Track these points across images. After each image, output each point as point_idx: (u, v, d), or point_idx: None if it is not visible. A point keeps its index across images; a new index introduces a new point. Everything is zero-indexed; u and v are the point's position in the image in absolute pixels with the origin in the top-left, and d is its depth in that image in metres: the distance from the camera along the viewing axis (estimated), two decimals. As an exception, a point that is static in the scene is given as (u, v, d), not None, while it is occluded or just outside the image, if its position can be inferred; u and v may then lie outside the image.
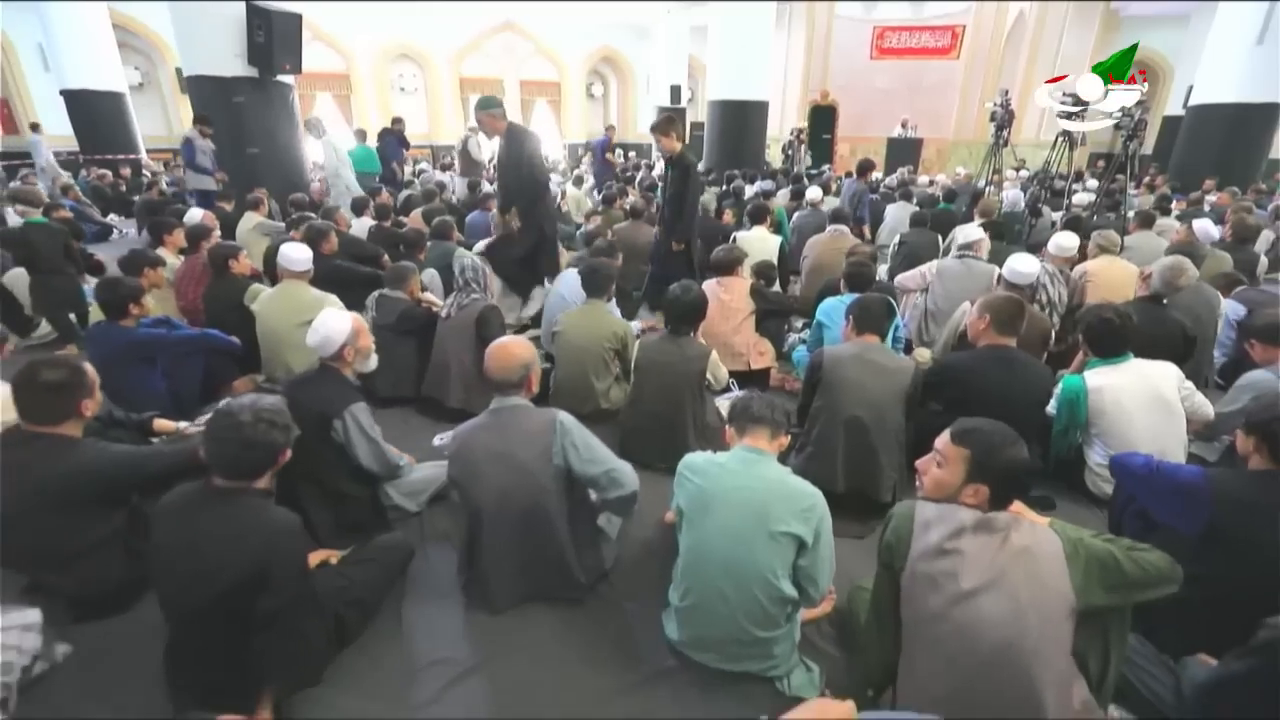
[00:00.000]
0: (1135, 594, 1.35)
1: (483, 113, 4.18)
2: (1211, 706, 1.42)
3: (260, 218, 6.19)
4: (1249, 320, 2.71)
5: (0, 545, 1.89)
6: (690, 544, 1.69)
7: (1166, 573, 1.36)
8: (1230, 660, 1.39)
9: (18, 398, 1.83)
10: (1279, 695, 1.29)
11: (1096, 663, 1.40)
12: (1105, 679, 1.40)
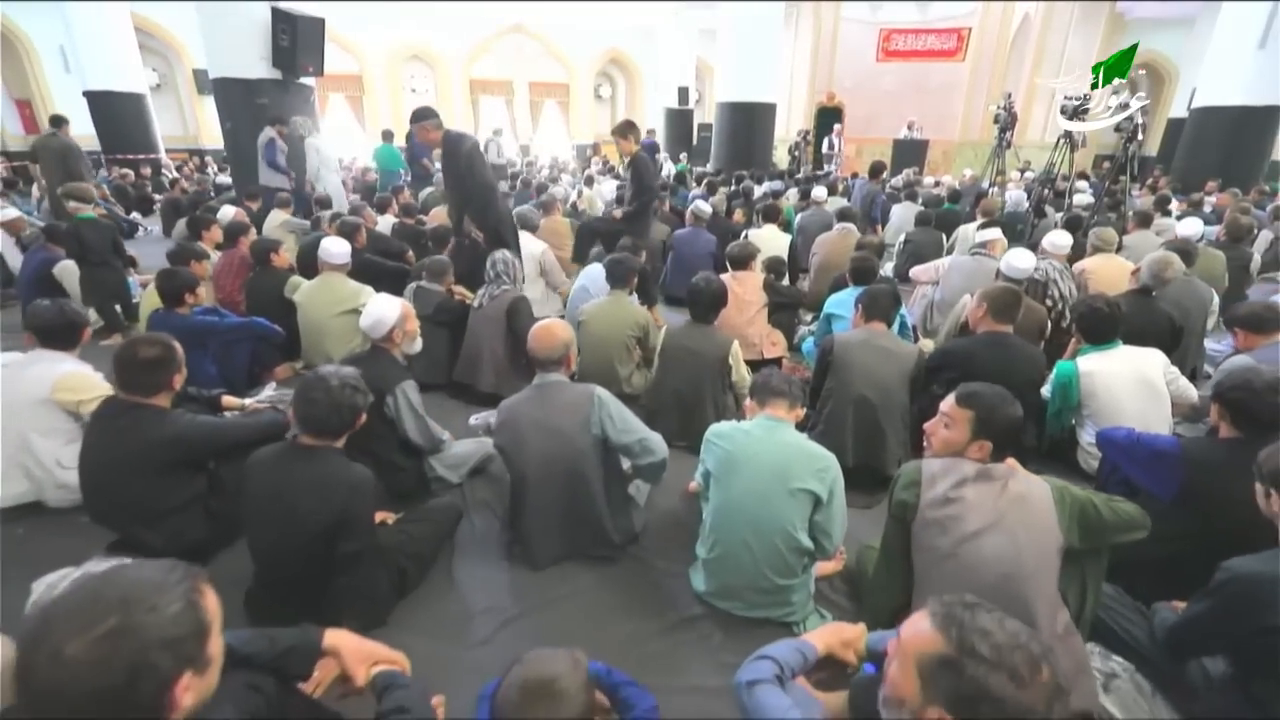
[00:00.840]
0: (1109, 536, 1.55)
1: (416, 125, 4.00)
2: (1177, 643, 1.63)
3: (286, 215, 6.43)
4: (1232, 310, 2.89)
5: (100, 503, 2.12)
6: (718, 501, 1.90)
7: (1137, 519, 1.57)
8: (1192, 602, 1.59)
9: (118, 371, 2.05)
10: (1232, 629, 1.49)
11: (1075, 599, 1.61)
12: (1083, 613, 1.61)
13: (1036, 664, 0.80)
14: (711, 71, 20.01)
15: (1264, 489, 1.52)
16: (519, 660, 1.09)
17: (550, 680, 1.03)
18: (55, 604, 0.81)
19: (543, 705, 1.00)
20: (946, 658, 0.84)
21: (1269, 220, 6.49)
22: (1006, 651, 0.81)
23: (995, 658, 0.81)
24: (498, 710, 1.03)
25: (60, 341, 2.47)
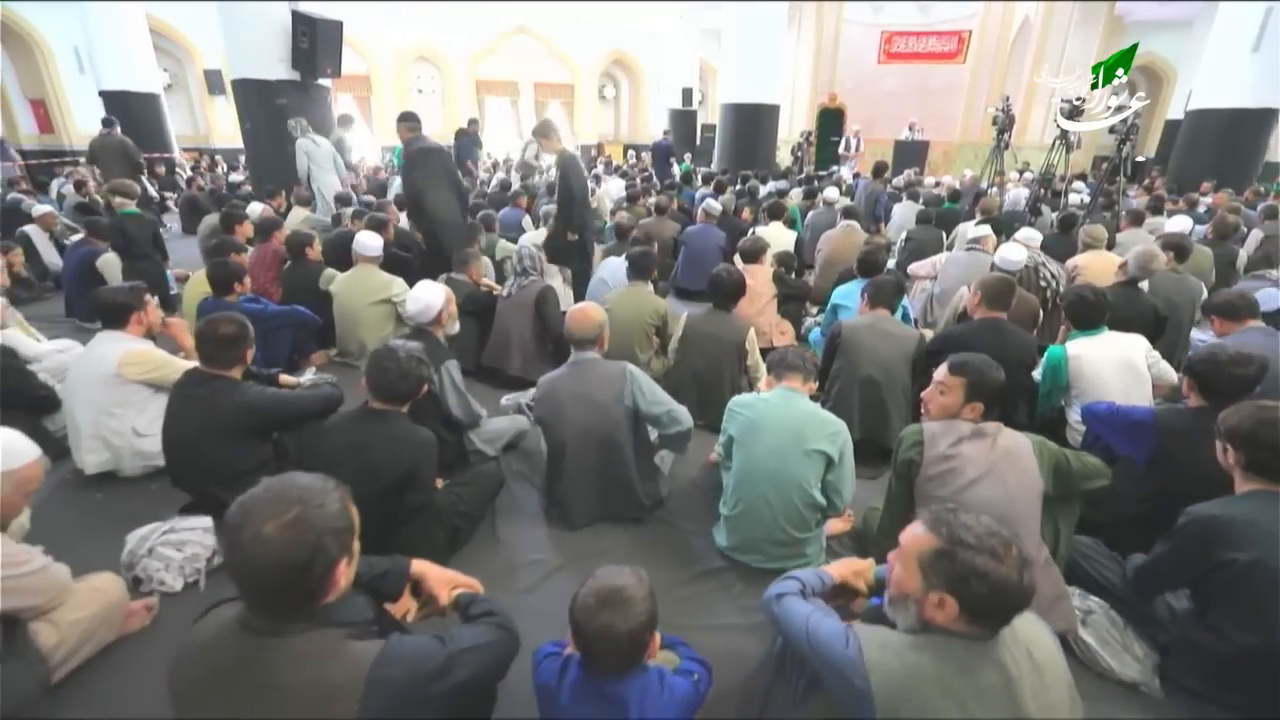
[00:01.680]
0: (1078, 483, 1.81)
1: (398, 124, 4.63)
2: (1145, 581, 1.85)
3: (307, 212, 6.67)
4: (1209, 299, 3.11)
5: (181, 465, 2.35)
6: (741, 462, 2.12)
7: (1100, 469, 1.83)
8: (1158, 545, 1.82)
9: (200, 345, 2.28)
10: (1191, 565, 1.72)
11: (1050, 540, 1.85)
12: (1057, 551, 1.85)
13: (1008, 544, 1.03)
14: (715, 73, 20.23)
15: (1222, 445, 1.75)
16: (592, 575, 1.31)
17: (620, 589, 1.25)
18: (249, 498, 1.04)
19: (616, 610, 1.22)
20: (941, 550, 1.06)
21: (1259, 220, 6.71)
22: (985, 538, 1.04)
23: (978, 544, 1.03)
24: (576, 615, 1.25)
25: (119, 321, 2.68)
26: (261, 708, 0.99)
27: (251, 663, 1.01)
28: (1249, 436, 1.66)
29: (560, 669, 1.32)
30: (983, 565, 1.01)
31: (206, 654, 1.05)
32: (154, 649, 1.91)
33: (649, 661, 1.31)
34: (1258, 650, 1.59)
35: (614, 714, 1.23)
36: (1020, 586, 1.01)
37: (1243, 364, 1.99)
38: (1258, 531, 1.59)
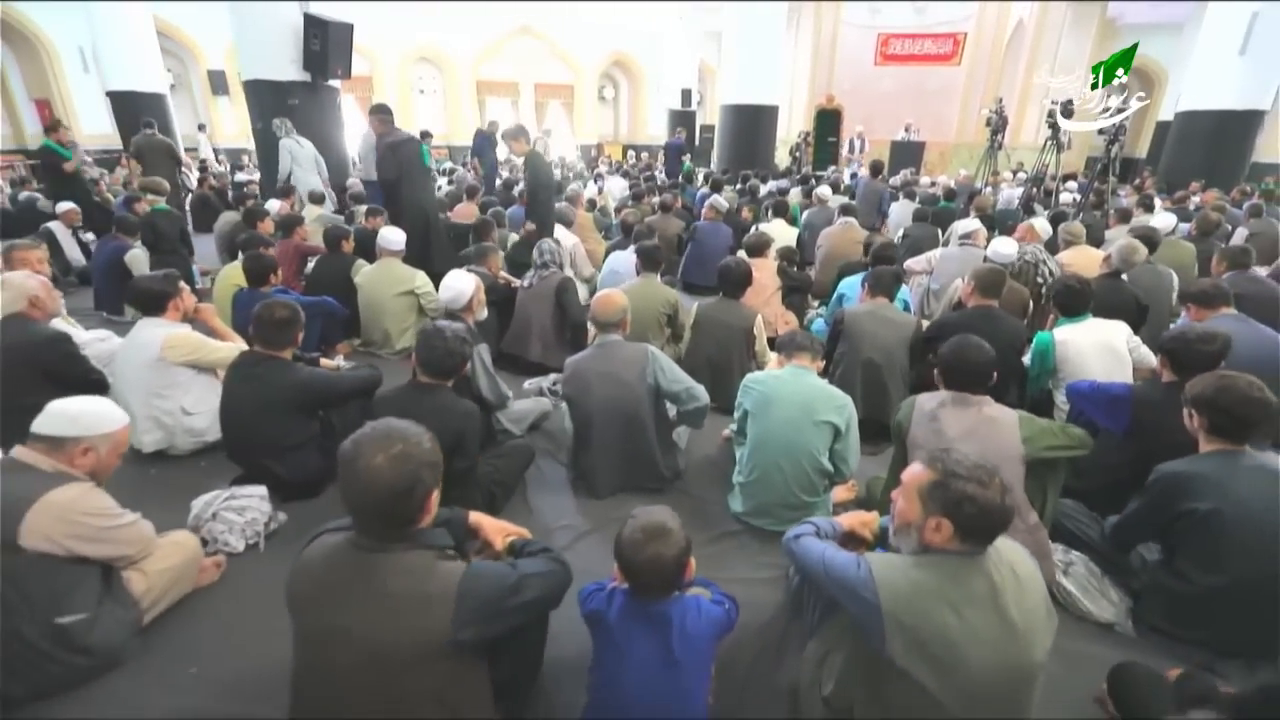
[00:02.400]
0: (1063, 451, 2.00)
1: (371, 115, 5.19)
2: (1120, 534, 2.06)
3: (322, 210, 6.84)
4: (1185, 288, 3.33)
5: (237, 439, 2.55)
6: (755, 433, 2.33)
7: (1083, 439, 2.04)
8: (1131, 502, 2.03)
9: (256, 328, 2.47)
10: (1159, 516, 1.93)
11: (1039, 503, 2.05)
12: (1044, 513, 2.05)
13: (992, 475, 1.24)
14: (713, 74, 20.47)
15: (1188, 411, 1.95)
16: (633, 515, 1.51)
17: (661, 523, 1.44)
18: (360, 435, 1.24)
19: (660, 541, 1.41)
20: (937, 481, 1.27)
21: (1245, 218, 6.95)
22: (973, 470, 1.24)
23: (968, 475, 1.24)
24: (622, 548, 1.45)
25: (157, 308, 2.86)
26: (374, 609, 1.19)
27: (363, 573, 1.21)
28: (1210, 401, 1.86)
29: (608, 598, 1.52)
30: (972, 491, 1.22)
31: (323, 567, 1.25)
32: (223, 601, 2.11)
33: (684, 590, 1.51)
34: (1216, 589, 1.80)
35: (659, 630, 1.43)
36: (1002, 507, 1.22)
37: (1208, 341, 2.20)
38: (1216, 484, 1.80)
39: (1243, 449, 1.89)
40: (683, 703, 1.44)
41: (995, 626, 1.23)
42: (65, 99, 15.46)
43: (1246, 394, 1.83)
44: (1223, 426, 1.88)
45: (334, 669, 1.22)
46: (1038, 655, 1.25)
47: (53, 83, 15.31)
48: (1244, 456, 1.88)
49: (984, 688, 1.22)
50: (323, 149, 8.55)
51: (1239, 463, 1.87)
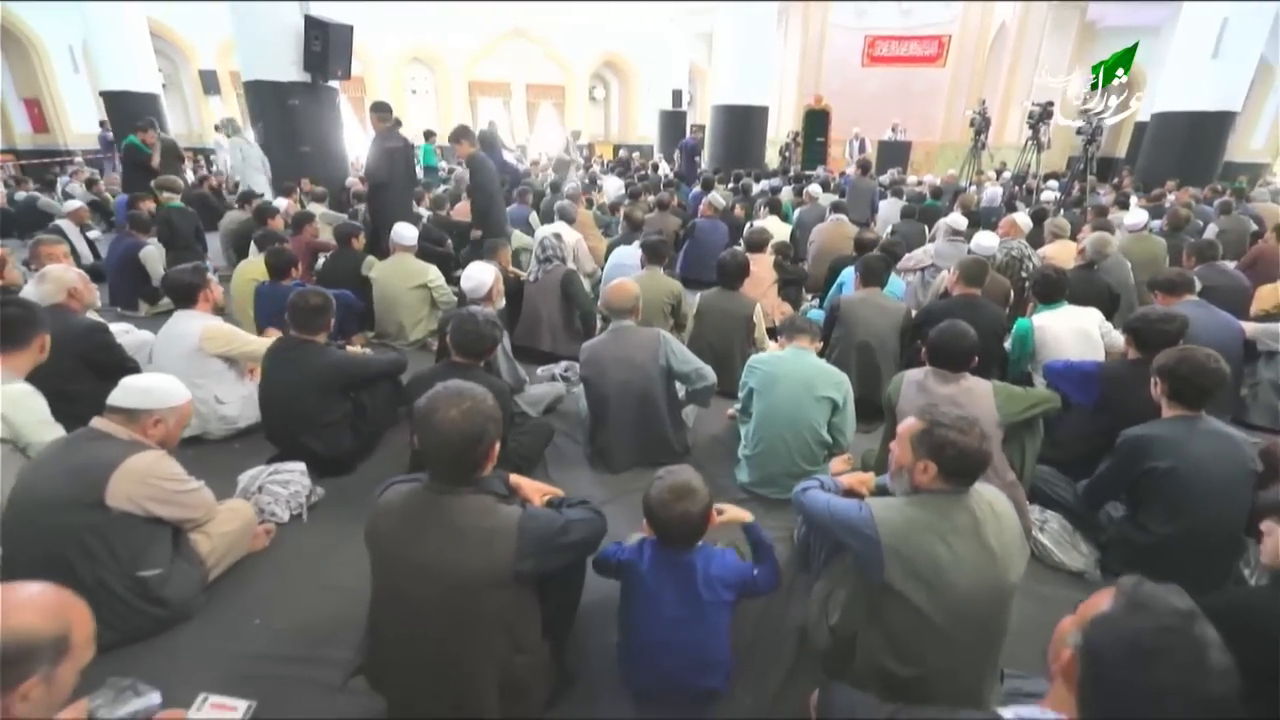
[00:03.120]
0: (1034, 410, 2.25)
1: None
2: (1091, 493, 2.29)
3: (323, 208, 6.99)
4: (1154, 277, 3.58)
5: (276, 419, 2.72)
6: (761, 408, 2.54)
7: (1050, 396, 2.32)
8: (1101, 464, 2.26)
9: (292, 315, 2.65)
10: (1126, 475, 2.15)
11: (1018, 463, 2.28)
12: (1023, 472, 2.28)
13: (972, 424, 1.45)
14: (704, 75, 20.70)
15: (1154, 380, 2.18)
16: (659, 476, 1.70)
17: (687, 482, 1.64)
18: (435, 393, 1.43)
19: (685, 500, 1.61)
20: (925, 429, 1.48)
21: (1215, 215, 7.27)
22: (956, 421, 1.46)
23: (951, 424, 1.45)
24: (652, 506, 1.63)
25: (190, 300, 3.02)
26: (447, 543, 1.39)
27: (437, 512, 1.41)
28: (1172, 370, 2.09)
29: (638, 549, 1.72)
30: (953, 437, 1.43)
31: (401, 508, 1.44)
32: (275, 564, 2.29)
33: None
34: (1171, 538, 2.03)
35: (686, 575, 1.63)
36: (979, 450, 1.43)
37: (1168, 321, 2.44)
38: (1174, 445, 2.03)
39: (1199, 415, 2.12)
40: (708, 639, 1.65)
41: (977, 554, 1.44)
42: (55, 98, 15.43)
43: (1204, 364, 2.06)
44: (1182, 392, 2.10)
45: (412, 596, 1.41)
46: (1013, 578, 1.47)
47: (42, 82, 15.26)
48: (1200, 422, 2.11)
49: (968, 606, 1.44)
50: (324, 148, 8.69)
51: (1195, 427, 2.09)
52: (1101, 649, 0.88)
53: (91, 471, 1.78)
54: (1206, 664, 0.81)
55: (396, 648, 1.48)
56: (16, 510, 1.79)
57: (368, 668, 1.58)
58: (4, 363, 2.27)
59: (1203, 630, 0.84)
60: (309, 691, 1.75)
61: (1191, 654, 0.82)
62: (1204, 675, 0.81)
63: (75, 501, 1.76)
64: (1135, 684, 0.83)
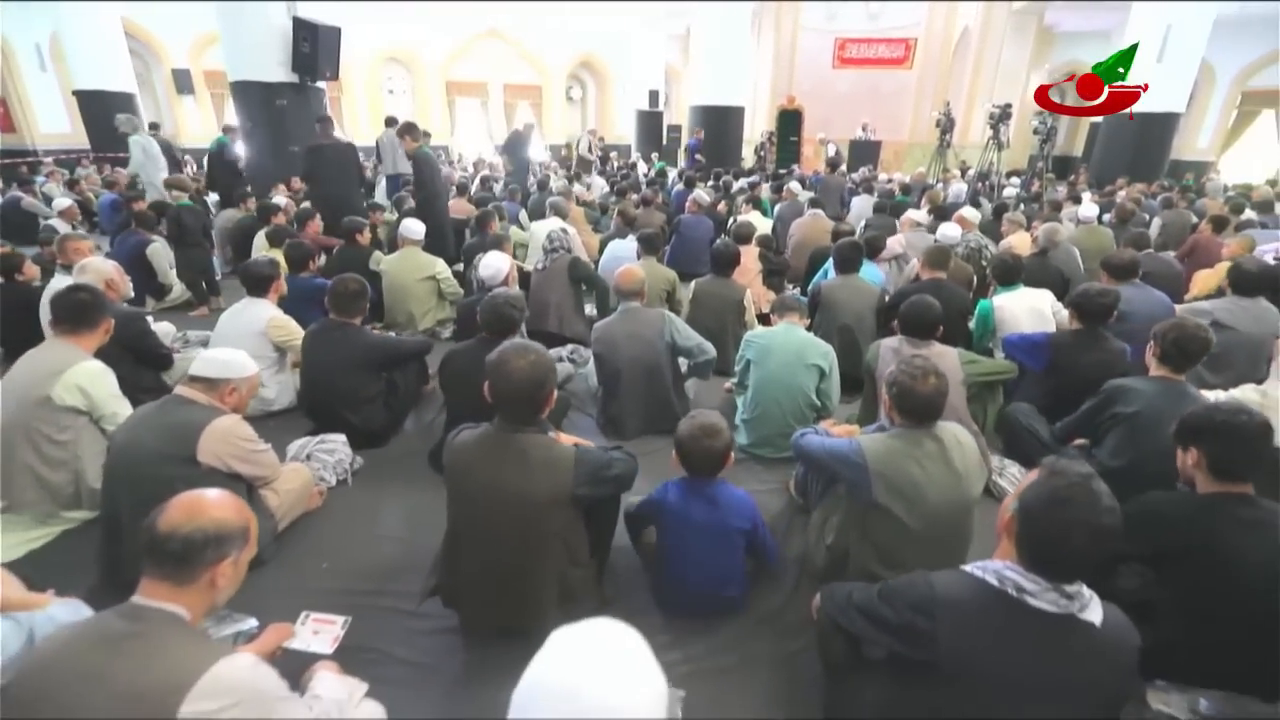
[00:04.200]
0: (994, 375, 2.63)
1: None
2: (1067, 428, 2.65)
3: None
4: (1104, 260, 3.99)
5: (317, 395, 2.97)
6: (758, 377, 2.87)
7: (1008, 365, 2.68)
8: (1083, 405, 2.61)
9: (332, 300, 2.91)
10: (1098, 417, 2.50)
11: (981, 417, 2.66)
12: (985, 426, 2.66)
13: (926, 373, 1.79)
14: (679, 75, 21.09)
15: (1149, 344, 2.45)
16: (690, 417, 2.01)
17: (714, 423, 1.96)
18: (504, 349, 1.73)
19: (711, 438, 1.92)
20: (894, 377, 1.83)
21: (1159, 209, 7.85)
22: (914, 370, 1.80)
23: (909, 371, 1.79)
24: (683, 441, 1.95)
25: (261, 289, 3.26)
26: (518, 471, 1.69)
27: (507, 446, 1.71)
28: (1163, 334, 2.36)
29: (663, 490, 2.04)
30: (904, 381, 1.79)
31: (475, 445, 1.74)
32: (330, 520, 2.56)
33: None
34: (1117, 469, 2.34)
35: (709, 500, 1.95)
36: (927, 395, 1.78)
37: (1104, 295, 2.84)
38: (1143, 395, 2.34)
39: (1180, 380, 2.38)
40: (728, 557, 1.98)
41: (945, 473, 1.79)
42: (22, 98, 15.16)
43: (1194, 333, 2.34)
44: (1170, 355, 2.37)
45: (489, 518, 1.70)
46: (975, 492, 1.82)
47: (8, 81, 14.97)
48: (1177, 385, 2.35)
49: (939, 515, 1.78)
50: (312, 148, 8.78)
51: (1171, 388, 2.35)
52: (1029, 504, 1.21)
53: (183, 430, 2.04)
54: (1099, 506, 1.15)
55: (472, 565, 1.78)
56: (117, 463, 2.05)
57: (442, 588, 1.87)
58: (76, 343, 2.50)
59: (1098, 485, 1.18)
60: (386, 614, 2.03)
61: (1089, 499, 1.15)
62: (1097, 513, 1.14)
63: (170, 456, 2.01)
64: (1051, 523, 1.17)
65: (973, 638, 1.22)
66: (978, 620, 1.23)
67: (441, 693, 1.77)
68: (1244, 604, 1.59)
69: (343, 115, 18.48)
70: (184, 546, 1.17)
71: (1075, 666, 1.18)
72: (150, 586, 1.18)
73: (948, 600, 1.26)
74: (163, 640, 1.13)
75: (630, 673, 0.70)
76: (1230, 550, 1.58)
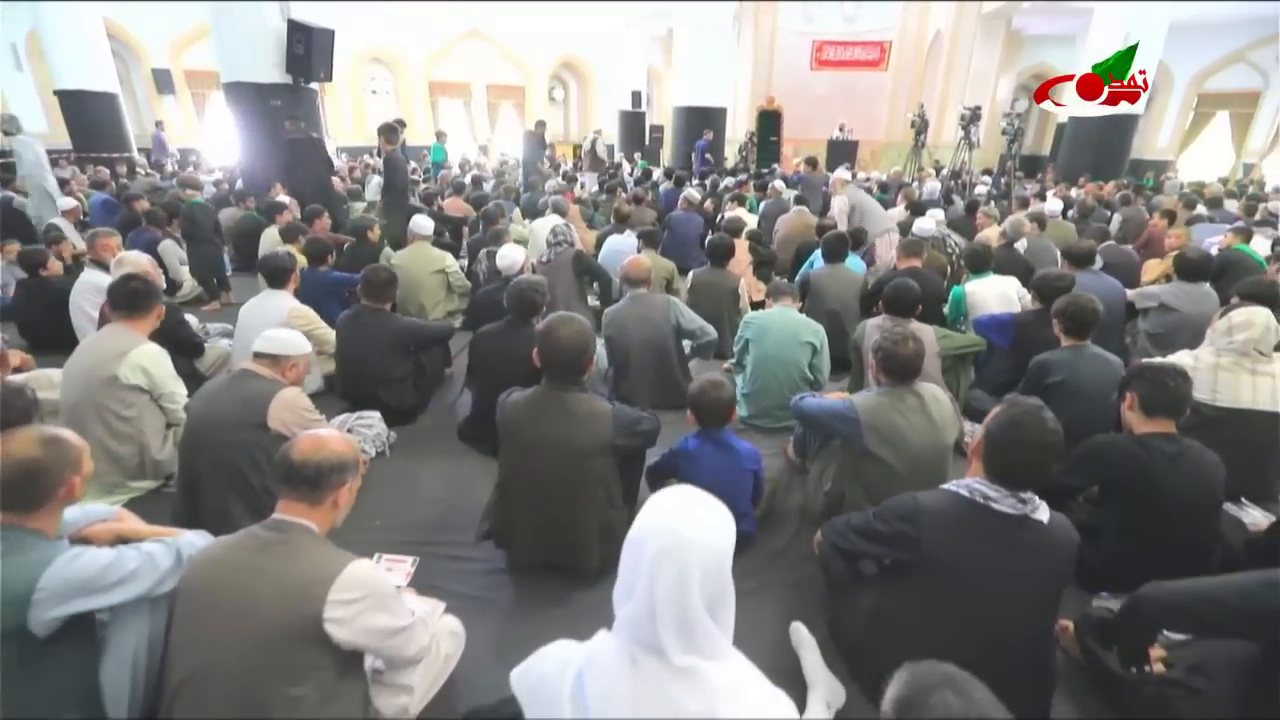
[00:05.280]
0: (966, 348, 2.98)
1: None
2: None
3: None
4: (1065, 248, 4.37)
5: (352, 375, 3.22)
6: (756, 355, 3.19)
7: (977, 341, 3.00)
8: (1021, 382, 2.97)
9: (364, 288, 3.17)
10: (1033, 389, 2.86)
11: (954, 387, 2.99)
12: (958, 396, 3.00)
13: (905, 338, 2.11)
14: (660, 77, 21.41)
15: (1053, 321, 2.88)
16: (699, 378, 2.31)
17: (718, 378, 2.26)
18: (552, 319, 2.01)
19: (717, 389, 2.23)
20: (879, 343, 2.14)
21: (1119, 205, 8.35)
22: (895, 337, 2.12)
23: (891, 338, 2.11)
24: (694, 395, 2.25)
25: (282, 281, 3.49)
26: (566, 423, 1.97)
27: (556, 403, 1.99)
28: (1062, 310, 2.78)
29: (683, 440, 2.33)
30: (887, 346, 2.10)
31: (527, 403, 2.02)
32: (374, 486, 2.78)
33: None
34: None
35: (722, 447, 2.25)
36: (908, 356, 2.09)
37: (1060, 279, 3.20)
38: (1066, 364, 2.72)
39: (1085, 343, 2.81)
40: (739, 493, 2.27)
41: (924, 423, 2.11)
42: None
43: (1085, 305, 2.76)
44: (1070, 328, 2.80)
45: (540, 465, 1.99)
46: (949, 439, 2.15)
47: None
48: (1086, 349, 2.79)
49: (920, 459, 2.10)
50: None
51: (1082, 353, 2.78)
52: (992, 428, 1.53)
53: (255, 400, 2.29)
54: (1045, 428, 1.47)
55: (524, 509, 2.06)
56: (196, 429, 2.29)
57: (495, 530, 2.14)
58: (133, 328, 2.72)
59: (1045, 413, 1.50)
60: (440, 559, 2.30)
61: (1038, 422, 1.47)
62: (1044, 433, 1.46)
63: (244, 422, 2.26)
64: (1009, 441, 1.48)
65: (949, 537, 1.54)
66: (953, 523, 1.54)
67: (500, 618, 2.05)
68: (1169, 522, 1.94)
69: (326, 116, 18.49)
70: (315, 472, 1.44)
71: (1029, 555, 1.50)
72: (287, 505, 1.45)
73: (929, 510, 1.58)
74: (302, 546, 1.40)
75: (712, 516, 0.98)
76: (1157, 478, 1.92)
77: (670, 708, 0.91)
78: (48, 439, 1.47)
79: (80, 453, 1.52)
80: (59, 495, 1.47)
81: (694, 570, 0.90)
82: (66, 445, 1.49)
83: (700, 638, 0.91)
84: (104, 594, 1.39)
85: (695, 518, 0.96)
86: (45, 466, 1.43)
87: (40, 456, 1.43)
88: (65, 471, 1.47)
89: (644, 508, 1.01)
